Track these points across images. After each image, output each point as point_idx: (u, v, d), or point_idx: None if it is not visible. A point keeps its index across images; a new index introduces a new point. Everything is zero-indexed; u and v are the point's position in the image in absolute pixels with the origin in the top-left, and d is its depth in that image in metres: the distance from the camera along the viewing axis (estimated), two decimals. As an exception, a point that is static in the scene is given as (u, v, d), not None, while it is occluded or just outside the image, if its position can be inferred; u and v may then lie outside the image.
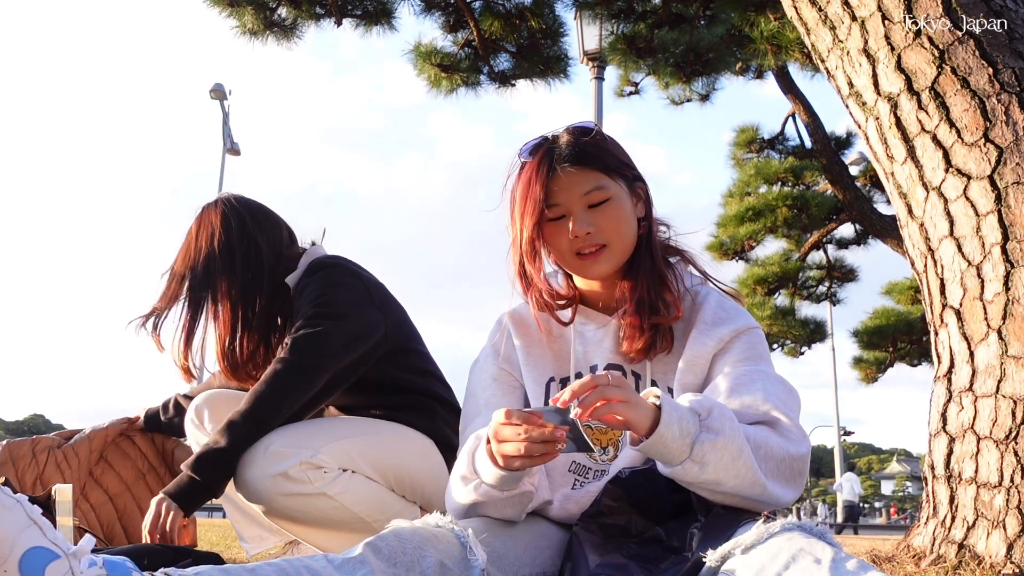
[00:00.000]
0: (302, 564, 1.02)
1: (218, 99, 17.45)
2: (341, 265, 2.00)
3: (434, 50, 5.98)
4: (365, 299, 1.94)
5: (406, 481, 1.92)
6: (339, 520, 1.81)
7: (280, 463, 1.73)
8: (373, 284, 2.03)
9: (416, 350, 2.09)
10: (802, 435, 1.26)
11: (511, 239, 1.41)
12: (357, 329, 1.88)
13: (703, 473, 1.13)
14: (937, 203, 2.09)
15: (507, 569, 1.20)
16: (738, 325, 1.37)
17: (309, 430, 1.84)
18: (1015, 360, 1.85)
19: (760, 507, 1.21)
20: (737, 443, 1.14)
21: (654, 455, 1.16)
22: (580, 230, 1.34)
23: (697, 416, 1.15)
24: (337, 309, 1.87)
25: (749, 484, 1.16)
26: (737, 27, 5.70)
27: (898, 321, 9.48)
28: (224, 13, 5.65)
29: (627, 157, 1.44)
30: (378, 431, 1.93)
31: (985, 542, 1.82)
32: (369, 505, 1.82)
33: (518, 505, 1.28)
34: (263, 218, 2.04)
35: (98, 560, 0.98)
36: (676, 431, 1.12)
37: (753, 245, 9.04)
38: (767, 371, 1.33)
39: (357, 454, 1.83)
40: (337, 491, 1.77)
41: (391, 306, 2.05)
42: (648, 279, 1.38)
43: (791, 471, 1.22)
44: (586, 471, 1.37)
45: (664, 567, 1.10)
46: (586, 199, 1.35)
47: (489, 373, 1.47)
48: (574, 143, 1.36)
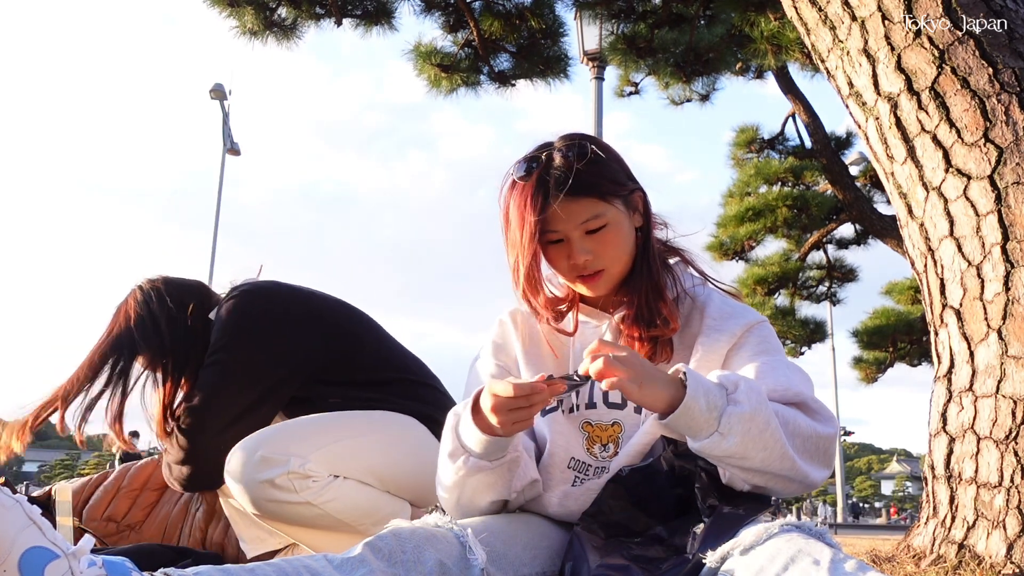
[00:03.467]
0: (301, 564, 1.02)
1: (218, 99, 17.45)
2: (248, 296, 1.97)
3: (434, 50, 5.98)
4: (266, 335, 1.92)
5: (401, 479, 1.90)
6: (326, 525, 1.82)
7: (267, 471, 1.73)
8: (281, 311, 1.98)
9: (366, 353, 2.05)
10: (830, 416, 1.28)
11: (509, 260, 1.41)
12: (251, 379, 1.89)
13: (731, 446, 1.14)
14: (937, 203, 2.09)
15: (507, 569, 1.19)
16: (748, 319, 1.39)
17: (302, 432, 1.82)
18: (1015, 360, 1.85)
19: (789, 487, 1.22)
20: (764, 415, 1.16)
21: (681, 429, 1.17)
22: (579, 258, 1.35)
23: (724, 390, 1.16)
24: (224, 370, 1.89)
25: (778, 457, 1.17)
26: (737, 27, 5.70)
27: (898, 321, 9.48)
28: (224, 13, 5.65)
29: (624, 172, 1.42)
30: (372, 428, 1.90)
31: (985, 542, 1.82)
32: (356, 511, 1.81)
33: (508, 475, 1.29)
34: (175, 288, 2.05)
35: (98, 560, 0.98)
36: (703, 404, 1.14)
37: (753, 245, 9.04)
38: (786, 361, 1.35)
39: (350, 457, 1.81)
40: (324, 500, 1.76)
41: (305, 327, 1.99)
42: (645, 291, 1.39)
43: (818, 449, 1.24)
44: (586, 468, 1.37)
45: (665, 568, 1.10)
46: (583, 227, 1.34)
47: (488, 371, 1.48)
48: (569, 169, 1.33)
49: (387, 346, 2.11)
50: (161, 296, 1.99)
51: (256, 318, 1.92)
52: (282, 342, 1.92)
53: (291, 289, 2.03)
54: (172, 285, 2.03)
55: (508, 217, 1.39)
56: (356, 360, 2.01)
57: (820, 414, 1.27)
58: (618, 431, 1.37)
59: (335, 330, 2.00)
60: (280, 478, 1.73)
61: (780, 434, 1.17)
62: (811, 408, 1.27)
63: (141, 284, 2.04)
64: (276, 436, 1.79)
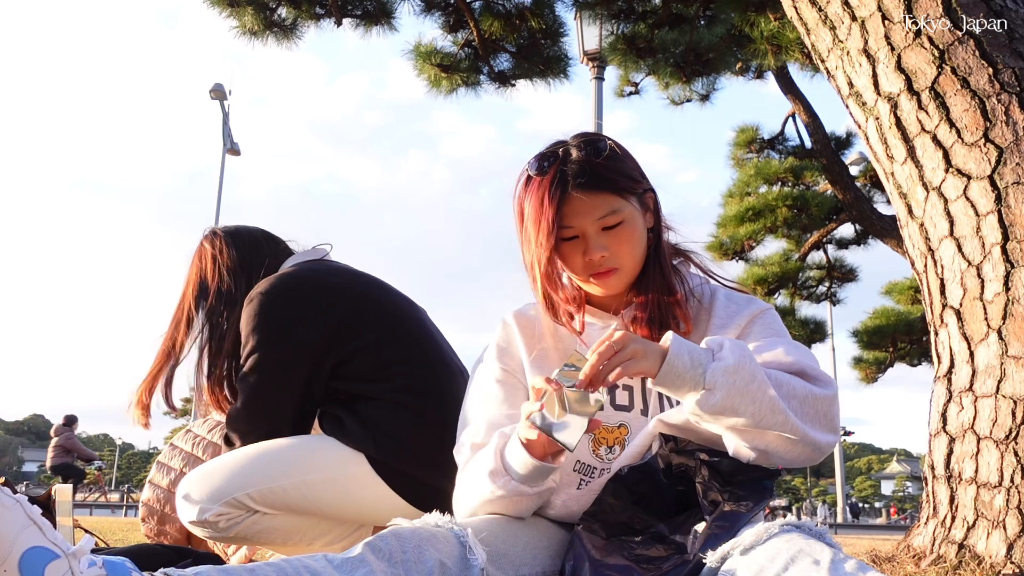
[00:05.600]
0: (301, 564, 1.02)
1: (218, 99, 17.47)
2: (267, 298, 1.86)
3: (434, 50, 5.98)
4: (284, 335, 1.82)
5: (329, 511, 1.83)
6: (270, 541, 1.82)
7: (186, 513, 1.76)
8: (304, 300, 1.86)
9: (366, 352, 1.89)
10: (828, 380, 1.28)
11: (524, 259, 1.41)
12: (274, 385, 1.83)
13: (718, 400, 1.16)
14: (937, 203, 2.09)
15: (507, 569, 1.19)
16: (752, 309, 1.40)
17: (223, 473, 1.78)
18: (1015, 360, 1.85)
19: (794, 450, 1.23)
20: (749, 368, 1.18)
21: (669, 389, 1.19)
22: (595, 254, 1.35)
23: (710, 351, 1.20)
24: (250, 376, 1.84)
25: (769, 411, 1.18)
26: (737, 27, 5.70)
27: (898, 321, 9.49)
28: (224, 13, 5.66)
29: (639, 170, 1.42)
30: (293, 470, 1.78)
31: (985, 542, 1.82)
32: (283, 534, 1.81)
33: (538, 501, 1.31)
34: (250, 242, 2.02)
35: (98, 560, 0.98)
36: (687, 360, 1.17)
37: (753, 245, 9.05)
38: (789, 340, 1.37)
39: (263, 503, 1.76)
40: (252, 532, 1.77)
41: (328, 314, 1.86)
42: (656, 291, 1.39)
43: (817, 412, 1.25)
44: (591, 470, 1.37)
45: (666, 568, 1.10)
46: (600, 223, 1.34)
47: (492, 374, 1.47)
48: (587, 164, 1.33)
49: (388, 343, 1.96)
50: (241, 248, 1.99)
51: (277, 317, 1.86)
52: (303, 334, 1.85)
53: (312, 284, 1.91)
54: (244, 239, 2.02)
55: (523, 214, 1.38)
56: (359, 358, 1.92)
57: (819, 379, 1.28)
58: (624, 433, 1.37)
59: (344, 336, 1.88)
60: (194, 523, 1.76)
61: (766, 387, 1.18)
62: (809, 375, 1.28)
63: (214, 232, 2.02)
64: (201, 480, 1.78)
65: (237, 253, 1.98)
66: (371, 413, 1.79)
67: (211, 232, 2.04)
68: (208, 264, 1.97)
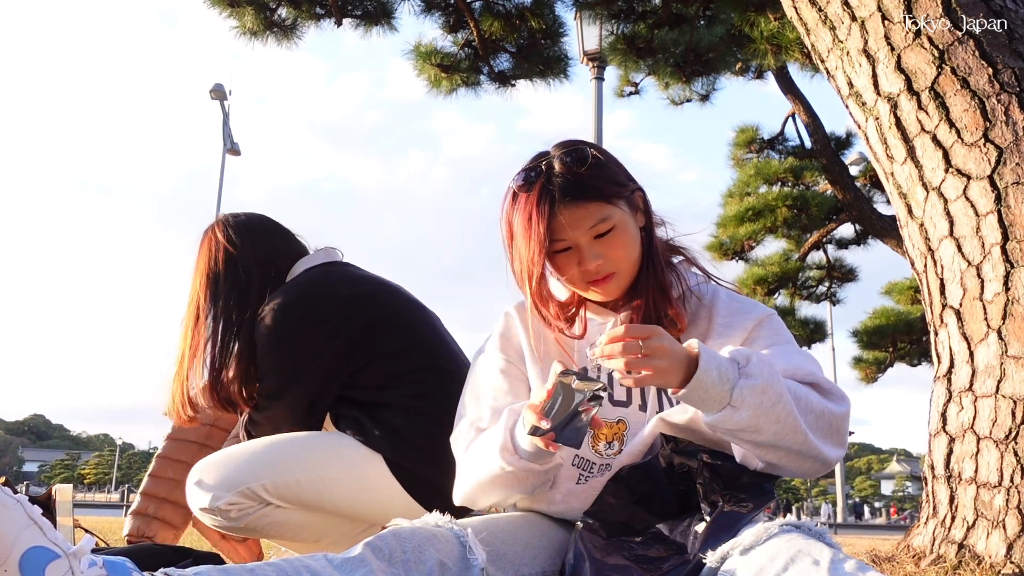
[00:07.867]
0: (302, 564, 1.02)
1: (218, 99, 17.49)
2: (288, 307, 1.85)
3: (434, 50, 5.98)
4: (301, 351, 1.83)
5: (342, 509, 1.83)
6: (279, 535, 1.82)
7: (197, 499, 1.76)
8: (321, 311, 1.84)
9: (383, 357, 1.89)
10: (842, 395, 1.29)
11: (514, 272, 1.40)
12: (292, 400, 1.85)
13: (743, 418, 1.15)
14: (937, 203, 2.09)
15: (507, 568, 1.20)
16: (758, 314, 1.40)
17: (238, 461, 1.78)
18: (1015, 360, 1.85)
19: (803, 464, 1.23)
20: (776, 389, 1.17)
21: (694, 403, 1.18)
22: (590, 264, 1.35)
23: (736, 364, 1.17)
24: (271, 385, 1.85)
25: (790, 431, 1.18)
26: (737, 27, 5.69)
27: (898, 321, 9.49)
28: (224, 13, 5.66)
29: (624, 172, 1.42)
30: (309, 464, 1.78)
31: (985, 542, 1.82)
32: (292, 528, 1.81)
33: (542, 479, 1.32)
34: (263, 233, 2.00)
35: (98, 560, 0.98)
36: (715, 376, 1.15)
37: (753, 245, 9.05)
38: (797, 348, 1.37)
39: (276, 495, 1.76)
40: (262, 525, 1.77)
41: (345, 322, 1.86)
42: (651, 290, 1.39)
43: (830, 427, 1.25)
44: (590, 466, 1.37)
45: (666, 568, 1.10)
46: (592, 232, 1.34)
47: (496, 364, 1.47)
48: (571, 175, 1.32)
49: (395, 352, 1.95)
50: (254, 240, 1.97)
51: (292, 329, 1.85)
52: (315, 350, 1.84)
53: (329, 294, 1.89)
54: (258, 230, 2.00)
55: (512, 230, 1.37)
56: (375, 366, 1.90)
57: (833, 393, 1.28)
58: (623, 428, 1.37)
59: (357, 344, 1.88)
60: (204, 510, 1.76)
61: (792, 407, 1.18)
62: (824, 388, 1.28)
63: (227, 222, 1.99)
64: (216, 467, 1.78)
65: (252, 246, 1.95)
66: (387, 417, 1.80)
67: (222, 221, 2.00)
68: (220, 256, 1.93)
